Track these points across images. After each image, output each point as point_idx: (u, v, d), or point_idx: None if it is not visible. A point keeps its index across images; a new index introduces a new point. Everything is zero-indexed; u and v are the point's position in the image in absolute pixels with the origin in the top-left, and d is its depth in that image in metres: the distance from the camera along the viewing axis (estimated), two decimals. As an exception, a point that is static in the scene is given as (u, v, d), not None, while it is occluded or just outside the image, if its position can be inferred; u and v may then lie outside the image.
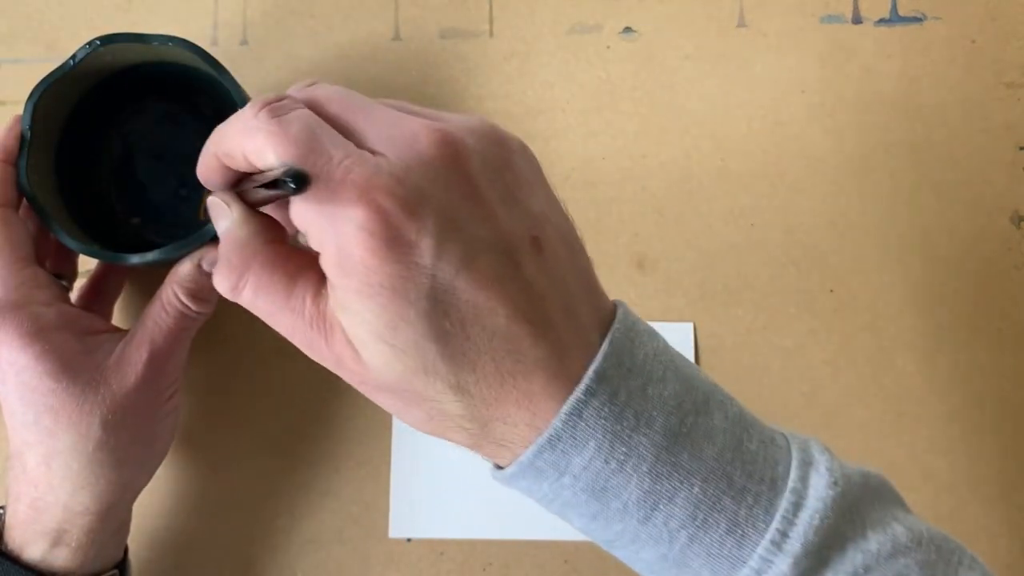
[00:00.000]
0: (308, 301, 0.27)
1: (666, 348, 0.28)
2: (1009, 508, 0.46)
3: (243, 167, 0.27)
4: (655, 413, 0.26)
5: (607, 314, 0.28)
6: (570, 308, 0.27)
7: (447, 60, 0.49)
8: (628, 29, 0.49)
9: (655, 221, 0.48)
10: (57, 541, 0.36)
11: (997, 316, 0.47)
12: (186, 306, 0.38)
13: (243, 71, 0.48)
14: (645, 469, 0.26)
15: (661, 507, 0.26)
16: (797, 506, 0.27)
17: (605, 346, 0.26)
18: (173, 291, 0.38)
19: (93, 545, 0.37)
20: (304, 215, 0.26)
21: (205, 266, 0.38)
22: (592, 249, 0.47)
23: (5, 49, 0.49)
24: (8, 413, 0.36)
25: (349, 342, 0.26)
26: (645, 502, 0.26)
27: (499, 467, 0.29)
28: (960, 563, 0.28)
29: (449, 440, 0.29)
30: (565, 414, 0.26)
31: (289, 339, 0.28)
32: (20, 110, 0.39)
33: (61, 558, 0.36)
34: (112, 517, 0.38)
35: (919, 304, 0.47)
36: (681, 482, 0.26)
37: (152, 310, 0.38)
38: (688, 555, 0.27)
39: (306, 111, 0.26)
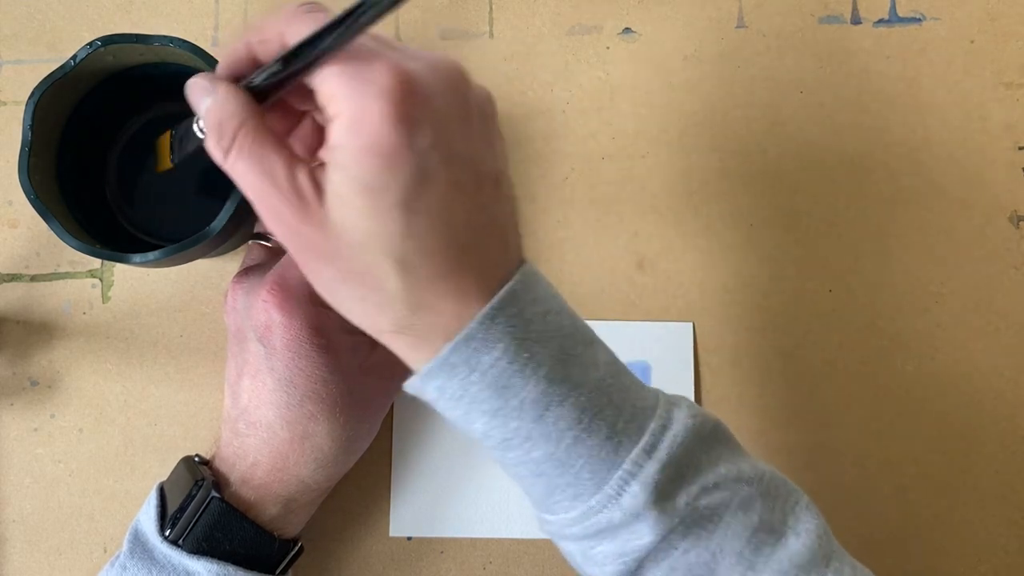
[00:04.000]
0: (283, 165, 0.30)
1: (560, 296, 0.33)
2: (1008, 508, 0.46)
3: (269, 54, 0.30)
4: (552, 334, 0.32)
5: (520, 258, 0.33)
6: (503, 238, 0.32)
7: (447, 60, 0.49)
8: (628, 30, 0.49)
9: (655, 221, 0.48)
10: (286, 508, 0.39)
11: (996, 316, 0.47)
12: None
13: (244, 71, 0.49)
14: (542, 374, 0.31)
15: (552, 408, 0.31)
16: (664, 428, 0.33)
17: (519, 275, 0.32)
18: None
19: (306, 515, 0.41)
20: (332, 79, 0.29)
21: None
22: (592, 249, 0.48)
23: (7, 49, 0.49)
24: (263, 388, 0.39)
25: (321, 202, 0.29)
26: (539, 402, 0.31)
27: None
28: (797, 503, 0.34)
29: (373, 328, 0.32)
30: (481, 316, 0.30)
31: (259, 202, 0.30)
32: (21, 110, 0.39)
33: (288, 523, 0.40)
34: (326, 493, 0.42)
35: (918, 304, 0.47)
36: (571, 390, 0.31)
37: None
38: (572, 455, 0.32)
39: None
